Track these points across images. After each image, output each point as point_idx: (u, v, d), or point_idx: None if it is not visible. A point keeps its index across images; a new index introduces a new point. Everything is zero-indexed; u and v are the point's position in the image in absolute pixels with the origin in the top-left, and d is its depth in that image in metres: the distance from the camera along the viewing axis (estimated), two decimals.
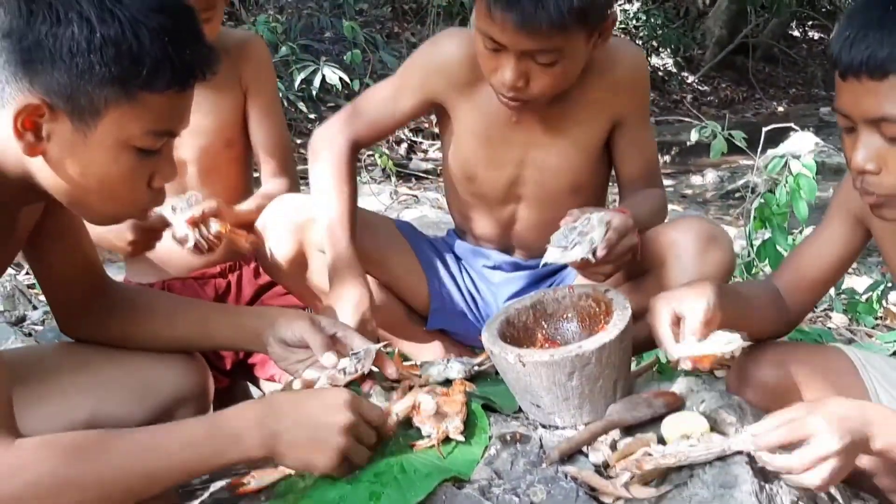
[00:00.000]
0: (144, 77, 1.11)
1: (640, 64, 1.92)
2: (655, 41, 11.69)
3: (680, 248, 1.71)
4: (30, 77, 1.10)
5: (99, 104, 1.12)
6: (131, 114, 1.13)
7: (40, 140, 1.13)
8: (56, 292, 1.49)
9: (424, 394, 1.42)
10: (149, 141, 1.17)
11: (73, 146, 1.14)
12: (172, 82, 1.14)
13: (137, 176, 1.20)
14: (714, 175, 6.80)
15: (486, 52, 1.67)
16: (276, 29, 7.30)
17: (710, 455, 1.23)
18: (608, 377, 1.41)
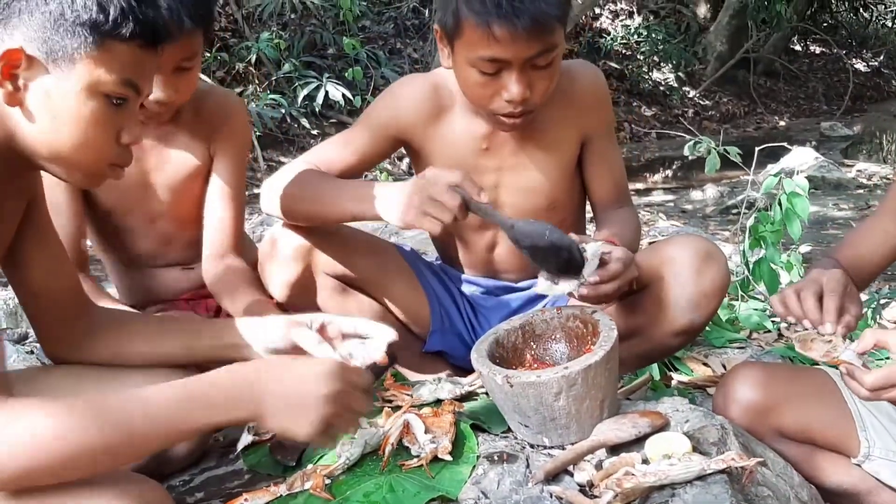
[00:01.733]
0: (111, 24, 1.22)
1: (600, 81, 1.95)
2: (657, 56, 11.74)
3: (677, 266, 1.73)
4: (8, 30, 1.21)
5: (71, 51, 1.21)
6: (100, 61, 1.23)
7: (18, 90, 1.22)
8: (39, 310, 1.50)
9: (413, 414, 1.45)
10: (117, 89, 1.26)
11: (47, 93, 1.23)
12: (136, 32, 1.24)
13: (107, 125, 1.27)
14: (714, 190, 6.83)
15: (483, 79, 1.69)
16: (279, 46, 7.36)
17: (689, 474, 1.26)
18: (595, 397, 1.44)
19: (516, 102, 1.69)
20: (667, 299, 1.73)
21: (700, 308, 1.73)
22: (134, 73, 1.27)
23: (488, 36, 1.62)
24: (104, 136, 1.28)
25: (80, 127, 1.25)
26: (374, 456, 1.43)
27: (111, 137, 1.29)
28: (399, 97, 1.93)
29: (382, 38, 9.14)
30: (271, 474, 1.50)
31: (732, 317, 2.89)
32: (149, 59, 1.30)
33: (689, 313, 1.73)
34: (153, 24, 1.27)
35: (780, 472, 1.45)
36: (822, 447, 1.56)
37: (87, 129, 1.26)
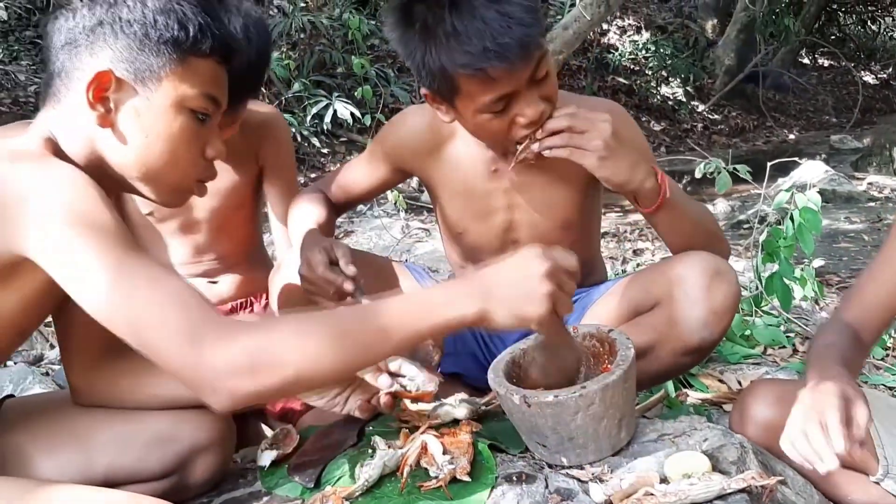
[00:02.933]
0: (192, 41, 1.29)
1: (618, 110, 1.92)
2: (665, 71, 11.76)
3: (687, 284, 1.72)
4: (95, 54, 1.28)
5: (157, 69, 1.29)
6: (184, 77, 1.31)
7: (109, 112, 1.29)
8: (75, 343, 1.51)
9: (430, 435, 1.46)
10: (201, 103, 1.33)
11: (137, 112, 1.30)
12: (214, 48, 1.32)
13: (194, 140, 1.35)
14: (725, 205, 6.81)
15: (496, 119, 1.67)
16: (289, 66, 7.40)
17: (709, 493, 1.25)
18: (612, 416, 1.43)
19: (536, 122, 1.67)
20: (677, 318, 1.73)
21: (711, 326, 1.72)
22: (213, 88, 1.35)
23: (487, 81, 1.60)
24: (192, 152, 1.36)
25: (171, 143, 1.32)
26: (392, 477, 1.43)
27: (198, 152, 1.37)
28: (400, 129, 1.98)
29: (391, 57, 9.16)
30: (290, 496, 1.50)
31: (747, 332, 2.88)
32: (223, 74, 1.38)
33: (701, 332, 1.72)
34: (226, 40, 1.35)
35: (799, 490, 1.44)
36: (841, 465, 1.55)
37: (177, 146, 1.32)
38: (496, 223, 1.95)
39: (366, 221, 5.97)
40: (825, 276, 3.88)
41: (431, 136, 1.92)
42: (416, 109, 2.00)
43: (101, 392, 1.53)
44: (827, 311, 3.44)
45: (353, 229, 5.77)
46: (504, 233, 1.96)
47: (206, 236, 2.20)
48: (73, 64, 1.29)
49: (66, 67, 1.29)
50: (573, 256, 1.29)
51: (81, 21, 1.28)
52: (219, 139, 1.40)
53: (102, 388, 1.53)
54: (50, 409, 1.52)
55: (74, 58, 1.29)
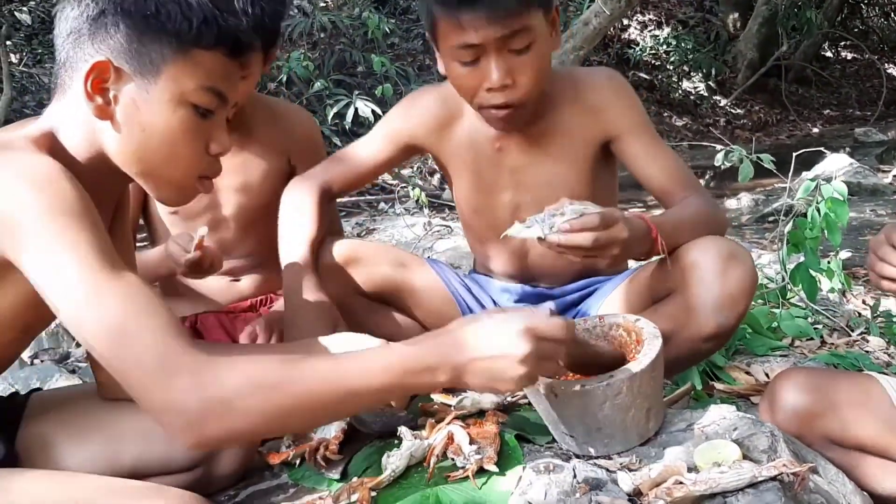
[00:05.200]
0: (195, 32, 1.24)
1: (614, 80, 1.95)
2: (686, 66, 11.69)
3: (701, 269, 1.71)
4: (96, 44, 1.24)
5: (158, 60, 1.24)
6: (186, 69, 1.26)
7: (108, 103, 1.25)
8: None
9: (457, 426, 1.45)
10: (203, 98, 1.28)
11: (136, 105, 1.26)
12: (220, 40, 1.27)
13: (195, 135, 1.30)
14: (749, 199, 6.77)
15: (464, 70, 1.74)
16: (309, 66, 7.42)
17: (741, 482, 1.24)
18: (640, 406, 1.42)
19: (496, 89, 1.72)
20: (693, 304, 1.71)
21: (727, 311, 1.70)
22: (219, 82, 1.30)
23: (457, 24, 1.68)
24: (193, 147, 1.31)
25: (169, 138, 1.28)
26: (419, 468, 1.43)
27: (200, 148, 1.32)
28: (411, 108, 2.01)
29: (411, 55, 9.19)
30: (316, 488, 1.50)
31: (774, 325, 2.86)
32: (233, 68, 1.32)
33: (717, 317, 1.70)
34: (235, 33, 1.30)
35: (831, 479, 1.43)
36: (872, 454, 1.53)
37: (176, 141, 1.28)
38: (504, 202, 1.97)
39: (388, 219, 5.97)
40: (852, 268, 3.84)
41: (442, 113, 1.96)
42: (427, 88, 2.06)
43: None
44: (854, 303, 3.40)
45: (375, 227, 5.77)
46: (514, 211, 1.95)
47: (233, 234, 2.21)
48: (76, 54, 1.26)
49: (71, 58, 1.27)
50: (560, 323, 1.24)
51: (85, 10, 1.25)
52: (224, 134, 1.34)
53: None
54: (76, 401, 1.52)
55: (78, 48, 1.26)
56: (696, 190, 1.90)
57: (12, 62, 6.92)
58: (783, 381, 1.59)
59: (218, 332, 2.25)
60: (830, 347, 2.78)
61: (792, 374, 1.60)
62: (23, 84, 7.03)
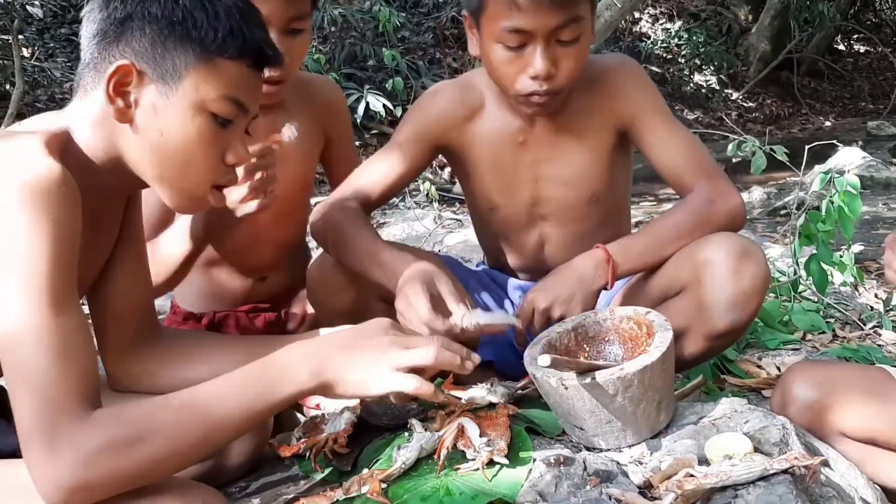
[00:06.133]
0: (220, 41, 1.25)
1: (629, 66, 1.93)
2: (698, 59, 11.65)
3: (713, 267, 1.69)
4: (121, 47, 1.25)
5: (180, 66, 1.25)
6: (208, 77, 1.26)
7: (129, 107, 1.26)
8: (110, 331, 1.53)
9: (467, 418, 1.45)
10: (223, 107, 1.28)
11: (156, 110, 1.26)
12: (244, 51, 1.28)
13: (212, 144, 1.30)
14: (761, 192, 6.74)
15: (508, 55, 1.71)
16: (320, 59, 7.42)
17: (751, 474, 1.23)
18: (651, 399, 1.42)
19: (541, 78, 1.70)
20: (706, 302, 1.70)
21: (741, 308, 1.69)
22: (240, 92, 1.30)
23: (511, 4, 1.65)
24: (209, 155, 1.30)
25: (186, 144, 1.28)
26: (429, 460, 1.42)
27: (216, 157, 1.32)
28: (430, 106, 1.95)
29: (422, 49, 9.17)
30: (327, 479, 1.50)
31: (785, 318, 2.85)
32: (255, 79, 1.33)
33: (730, 314, 1.69)
34: (260, 45, 1.30)
35: (843, 473, 1.42)
36: (884, 447, 1.52)
37: (193, 147, 1.28)
38: (524, 198, 1.95)
39: (398, 213, 5.97)
40: (864, 262, 3.82)
41: (463, 108, 1.92)
42: (443, 85, 2.01)
43: (136, 378, 1.54)
44: (866, 296, 3.39)
45: (385, 221, 5.78)
46: (531, 207, 1.95)
47: (267, 222, 2.14)
48: (101, 56, 1.27)
49: (95, 59, 1.27)
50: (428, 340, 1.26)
51: (113, 13, 1.26)
52: (242, 145, 1.34)
53: (137, 374, 1.54)
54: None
55: (103, 50, 1.26)
56: (710, 177, 1.84)
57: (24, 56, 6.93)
58: (795, 374, 1.58)
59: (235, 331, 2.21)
60: (842, 341, 2.77)
61: (803, 368, 1.60)
62: (35, 78, 7.04)
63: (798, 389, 1.55)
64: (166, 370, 1.54)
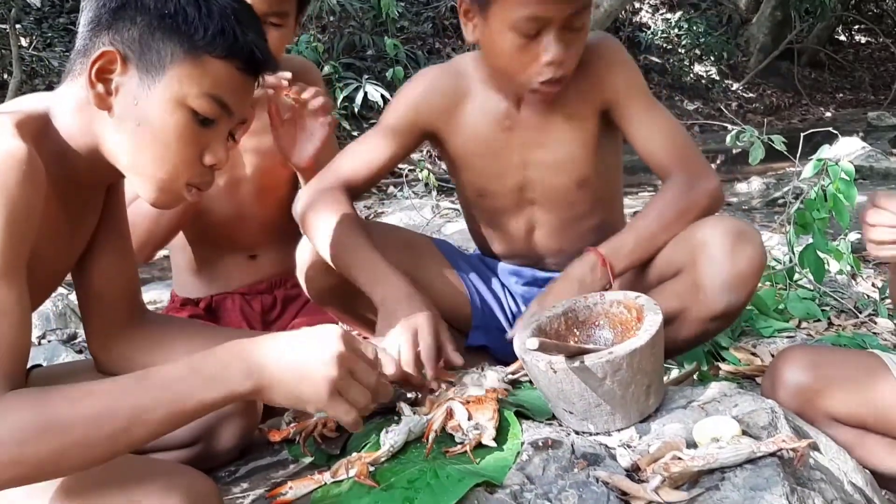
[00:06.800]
0: (209, 39, 1.24)
1: (611, 46, 1.91)
2: (698, 49, 11.63)
3: (710, 248, 1.69)
4: (111, 35, 1.24)
5: (165, 59, 1.23)
6: (192, 73, 1.24)
7: (109, 93, 1.25)
8: (93, 309, 1.53)
9: (456, 401, 1.45)
10: (204, 105, 1.26)
11: (136, 100, 1.25)
12: (233, 52, 1.26)
13: (190, 141, 1.28)
14: (760, 182, 6.74)
15: (521, 43, 1.69)
16: (318, 48, 7.40)
17: (738, 457, 1.23)
18: (640, 382, 1.41)
19: (556, 64, 1.69)
20: (702, 283, 1.70)
21: (736, 290, 1.69)
22: (225, 93, 1.28)
23: None
24: (185, 152, 1.28)
25: (162, 137, 1.26)
26: (417, 443, 1.42)
27: (193, 155, 1.29)
28: (417, 91, 1.93)
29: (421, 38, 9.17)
30: (316, 463, 1.50)
31: (781, 306, 2.84)
32: (243, 82, 1.30)
33: (726, 296, 1.69)
34: (251, 48, 1.28)
35: (833, 457, 1.42)
36: (875, 432, 1.52)
37: (169, 141, 1.26)
38: (512, 181, 1.94)
39: (396, 202, 5.97)
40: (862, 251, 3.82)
41: (451, 93, 1.91)
42: (430, 69, 2.00)
43: (118, 362, 1.54)
44: (863, 285, 3.39)
45: (383, 210, 5.77)
46: (519, 192, 1.94)
47: (251, 195, 2.21)
48: (92, 43, 1.26)
49: (87, 45, 1.27)
50: (373, 347, 1.23)
51: (108, 1, 1.25)
52: (222, 147, 1.32)
53: (119, 358, 1.54)
54: (75, 376, 1.52)
55: (94, 36, 1.26)
56: (687, 161, 1.85)
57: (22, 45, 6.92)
58: (785, 358, 1.58)
59: (234, 314, 2.25)
60: (837, 329, 2.77)
61: (794, 352, 1.59)
62: (33, 68, 7.03)
63: (788, 374, 1.55)
64: (147, 355, 1.53)
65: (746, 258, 1.67)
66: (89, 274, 1.50)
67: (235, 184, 2.18)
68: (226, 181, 2.14)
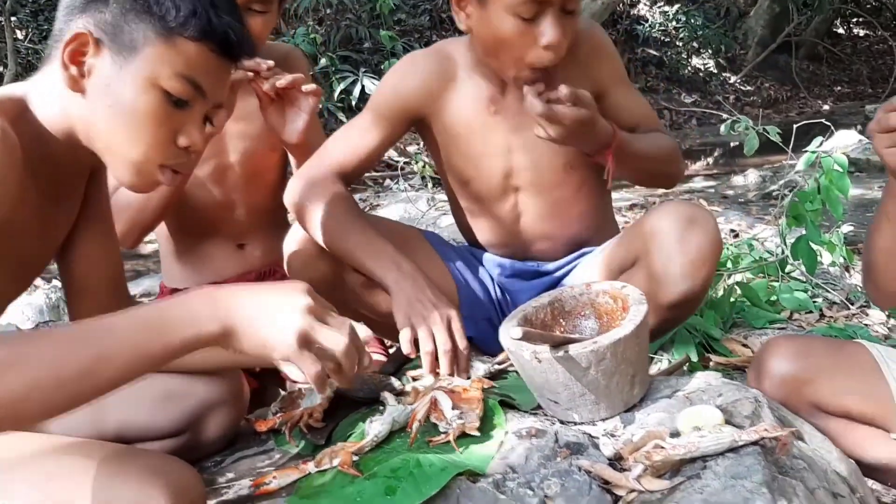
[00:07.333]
0: (181, 20, 1.23)
1: (597, 33, 1.95)
2: (696, 42, 11.62)
3: (660, 235, 1.70)
4: (85, 18, 1.25)
5: (137, 40, 1.23)
6: (164, 54, 1.24)
7: (82, 75, 1.25)
8: (78, 300, 1.53)
9: (441, 391, 1.45)
10: (177, 86, 1.26)
11: (108, 81, 1.25)
12: (207, 34, 1.25)
13: (162, 122, 1.27)
14: (756, 175, 6.73)
15: (520, 26, 1.69)
16: (315, 41, 7.40)
17: (720, 446, 1.23)
18: (624, 372, 1.42)
19: (554, 46, 1.69)
20: (656, 272, 1.71)
21: (691, 277, 1.69)
22: (199, 75, 1.27)
23: None
24: (158, 133, 1.28)
25: (134, 118, 1.26)
26: (402, 433, 1.43)
27: (166, 136, 1.29)
28: (404, 77, 1.94)
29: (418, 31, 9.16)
30: (302, 454, 1.50)
31: (773, 298, 2.85)
32: (218, 65, 1.30)
33: (681, 284, 1.69)
34: (226, 31, 1.27)
35: (817, 446, 1.42)
36: (859, 421, 1.52)
37: (140, 122, 1.26)
38: (497, 167, 1.94)
39: (392, 195, 5.97)
40: (856, 244, 3.82)
41: (436, 77, 1.91)
42: (414, 55, 2.00)
43: None
44: (856, 277, 3.39)
45: (379, 203, 5.77)
46: (505, 177, 1.94)
47: (237, 182, 2.21)
48: (67, 27, 1.26)
49: (63, 30, 1.27)
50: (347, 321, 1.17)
51: None
52: (197, 130, 1.31)
53: None
54: None
55: (70, 21, 1.26)
56: (662, 130, 2.01)
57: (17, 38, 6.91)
58: (771, 348, 1.58)
59: None
60: (829, 320, 2.77)
61: (780, 342, 1.59)
62: (28, 60, 7.03)
63: (773, 364, 1.54)
64: None
65: (698, 245, 1.67)
66: (73, 260, 1.50)
67: (221, 170, 2.18)
68: (212, 168, 2.15)
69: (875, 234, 1.55)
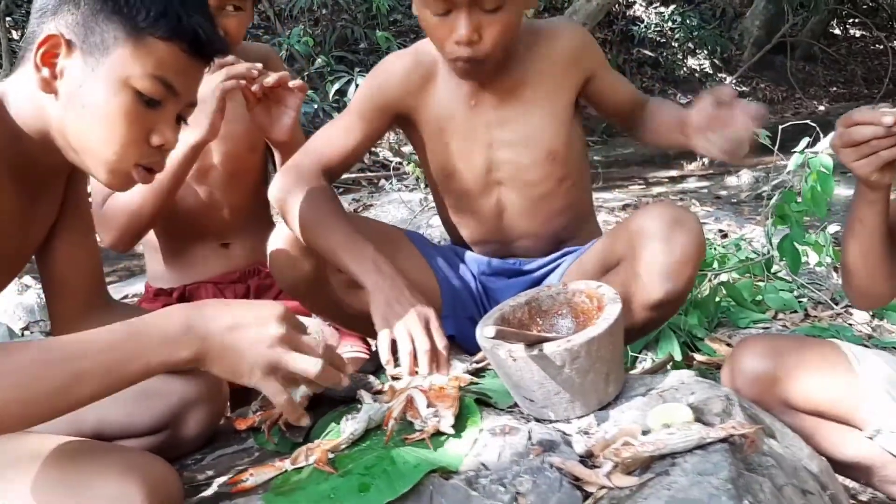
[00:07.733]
0: (151, 19, 1.25)
1: (578, 27, 2.05)
2: (691, 43, 11.63)
3: (645, 236, 1.72)
4: (56, 19, 1.26)
5: (108, 40, 1.25)
6: (135, 54, 1.26)
7: (54, 77, 1.26)
8: (58, 302, 1.55)
9: (417, 389, 1.46)
10: (149, 86, 1.27)
11: (80, 82, 1.26)
12: (177, 34, 1.27)
13: (135, 121, 1.29)
14: (749, 176, 6.76)
15: (435, 20, 1.74)
16: (310, 41, 7.40)
17: (688, 443, 1.25)
18: (599, 370, 1.43)
19: (464, 44, 1.73)
20: (639, 272, 1.72)
21: (674, 277, 1.70)
22: (171, 74, 1.29)
23: None
24: (131, 132, 1.29)
25: (107, 118, 1.27)
26: (378, 431, 1.44)
27: (139, 135, 1.31)
28: (386, 75, 1.97)
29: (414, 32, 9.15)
30: (280, 451, 1.51)
31: (758, 297, 2.86)
32: (190, 64, 1.32)
33: (665, 284, 1.71)
34: (195, 31, 1.29)
35: (788, 444, 1.43)
36: (831, 419, 1.54)
37: (113, 122, 1.27)
38: (479, 161, 1.97)
39: (385, 195, 5.98)
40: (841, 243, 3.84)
41: (417, 75, 1.95)
42: (396, 54, 2.03)
43: None
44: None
45: (372, 203, 5.78)
46: (488, 172, 1.97)
47: (220, 182, 2.24)
48: (39, 28, 1.28)
49: (35, 32, 1.28)
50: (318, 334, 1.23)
51: None
52: (170, 129, 1.33)
53: None
54: None
55: (42, 24, 1.28)
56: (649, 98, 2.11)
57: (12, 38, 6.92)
58: (744, 347, 1.59)
59: None
60: (814, 320, 2.79)
61: (753, 341, 1.61)
62: None
63: (746, 362, 1.56)
64: None
65: (681, 245, 1.69)
66: (52, 260, 1.52)
67: (204, 171, 2.20)
68: (195, 168, 2.16)
69: (850, 238, 1.57)
